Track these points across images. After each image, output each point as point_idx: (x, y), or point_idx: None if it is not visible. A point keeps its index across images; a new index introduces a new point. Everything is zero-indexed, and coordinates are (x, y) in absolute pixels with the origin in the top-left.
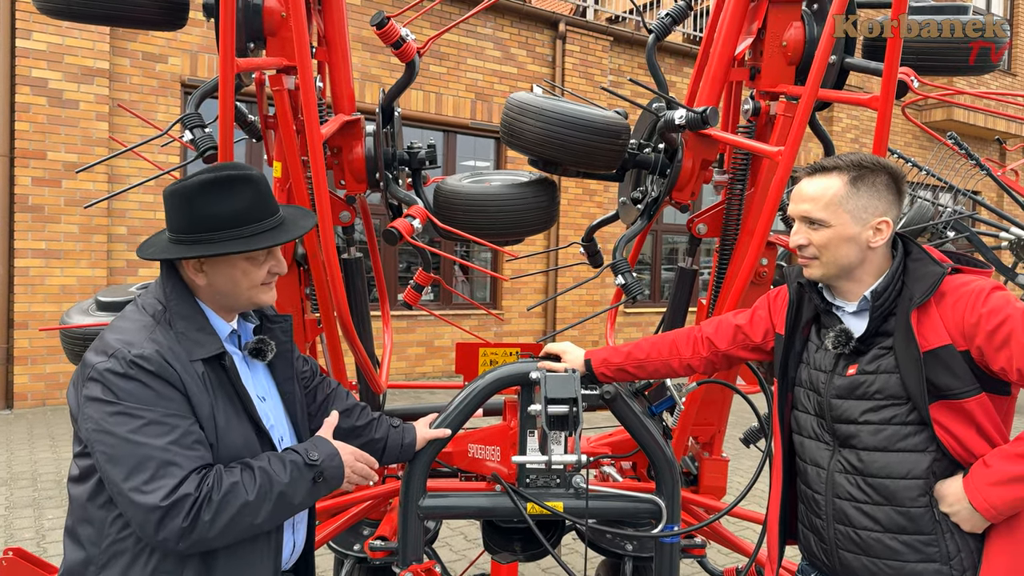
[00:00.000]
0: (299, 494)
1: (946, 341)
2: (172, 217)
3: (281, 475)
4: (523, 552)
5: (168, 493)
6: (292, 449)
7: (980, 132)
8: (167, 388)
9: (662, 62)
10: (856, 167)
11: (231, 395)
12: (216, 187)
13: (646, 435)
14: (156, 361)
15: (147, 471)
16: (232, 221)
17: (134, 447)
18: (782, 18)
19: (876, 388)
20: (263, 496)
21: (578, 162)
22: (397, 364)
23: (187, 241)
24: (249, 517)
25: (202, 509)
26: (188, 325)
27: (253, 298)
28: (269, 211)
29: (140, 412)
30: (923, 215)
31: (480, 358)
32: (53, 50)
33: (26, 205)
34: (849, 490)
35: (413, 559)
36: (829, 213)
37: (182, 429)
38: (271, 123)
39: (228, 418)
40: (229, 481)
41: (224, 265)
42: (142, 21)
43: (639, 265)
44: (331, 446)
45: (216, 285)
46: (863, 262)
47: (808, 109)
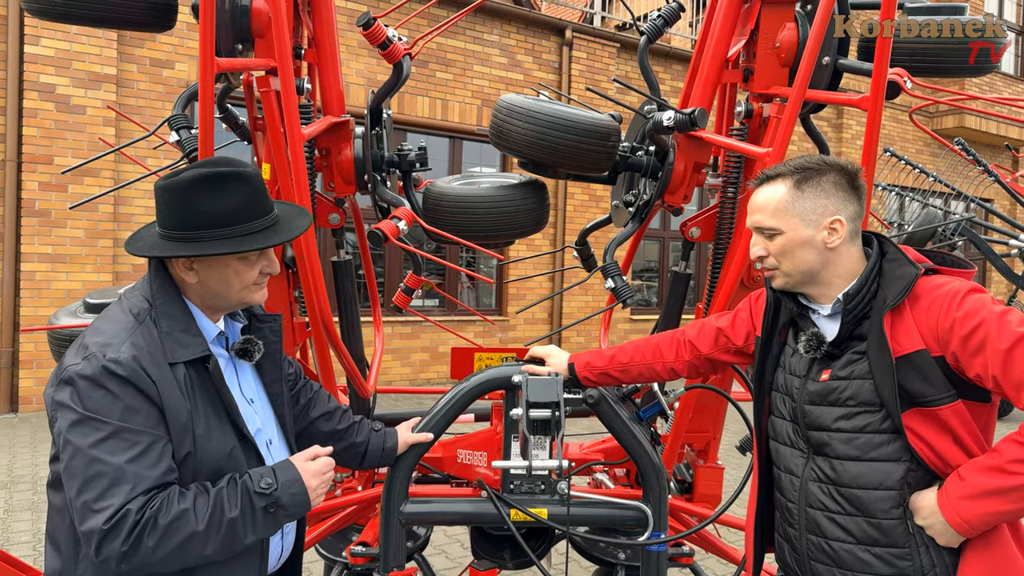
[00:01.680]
0: (252, 526)
1: (920, 346)
2: (163, 213)
3: (231, 505)
4: (512, 560)
5: (110, 516)
6: (247, 474)
7: (992, 139)
8: (137, 398)
9: (669, 68)
10: (799, 170)
11: (214, 400)
12: (209, 184)
13: (632, 440)
14: (129, 367)
15: (96, 489)
16: (225, 220)
17: (89, 462)
18: (775, 20)
19: (849, 394)
20: (213, 526)
21: (567, 164)
22: (401, 370)
23: (178, 239)
24: (197, 548)
25: (144, 533)
26: (173, 325)
27: (244, 298)
28: (263, 210)
29: (103, 424)
30: (932, 222)
31: (475, 363)
32: (61, 56)
33: (33, 210)
34: (822, 499)
35: (394, 565)
36: (778, 220)
37: (142, 445)
38: (259, 125)
39: (209, 425)
40: (179, 508)
41: (216, 264)
42: (129, 22)
43: (647, 272)
44: (293, 471)
45: (207, 284)
46: (826, 264)
47: (795, 110)
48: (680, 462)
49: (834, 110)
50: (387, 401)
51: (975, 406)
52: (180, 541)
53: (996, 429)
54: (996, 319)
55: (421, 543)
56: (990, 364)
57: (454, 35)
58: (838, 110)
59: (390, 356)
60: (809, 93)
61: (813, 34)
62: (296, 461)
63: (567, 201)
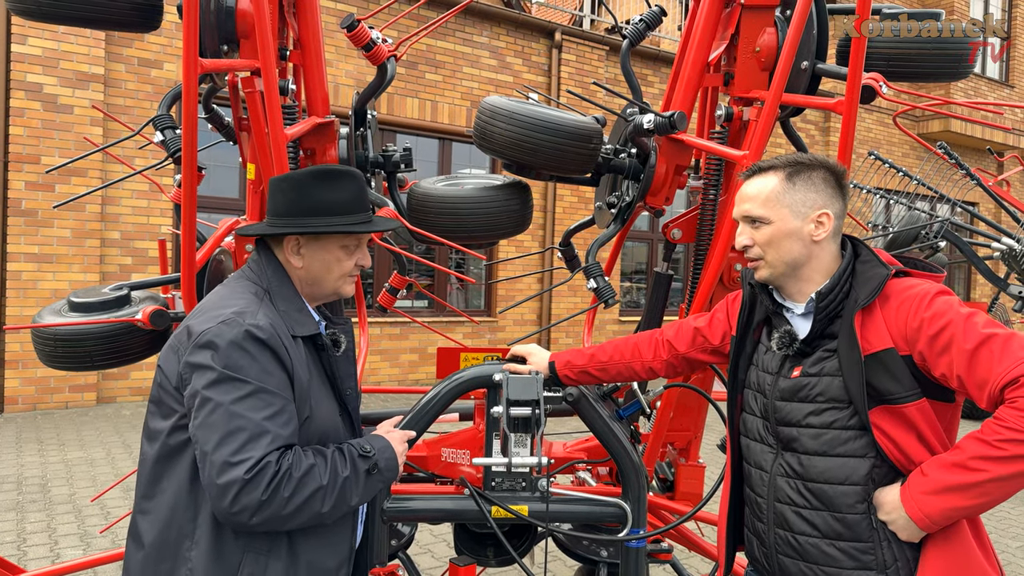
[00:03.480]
0: (356, 487)
1: (888, 345)
2: (278, 201)
3: (343, 466)
4: (495, 557)
5: (252, 465)
6: (348, 443)
7: (977, 143)
8: (273, 362)
9: (658, 71)
10: (792, 164)
11: (322, 375)
12: (325, 178)
13: (611, 437)
14: (269, 332)
15: (237, 442)
16: (337, 208)
17: (230, 417)
18: (755, 24)
19: (818, 391)
20: (331, 484)
21: (549, 166)
22: (390, 371)
23: (292, 224)
24: (318, 503)
25: (282, 484)
26: (289, 305)
27: (339, 288)
28: (365, 206)
29: (243, 384)
30: (915, 224)
31: (461, 363)
32: (48, 55)
33: (19, 209)
34: (789, 494)
35: (376, 562)
36: (768, 209)
37: (277, 407)
38: (244, 125)
39: (321, 395)
40: (307, 463)
41: (321, 251)
42: (114, 22)
43: (636, 274)
44: (383, 439)
45: (311, 269)
46: (809, 259)
47: (772, 113)
48: (662, 460)
49: (821, 114)
50: (376, 401)
51: (940, 405)
52: (309, 494)
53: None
54: (963, 320)
55: (405, 541)
56: (955, 364)
57: (444, 37)
58: (825, 114)
59: (379, 357)
60: (786, 97)
61: (790, 38)
62: (382, 431)
63: (556, 203)
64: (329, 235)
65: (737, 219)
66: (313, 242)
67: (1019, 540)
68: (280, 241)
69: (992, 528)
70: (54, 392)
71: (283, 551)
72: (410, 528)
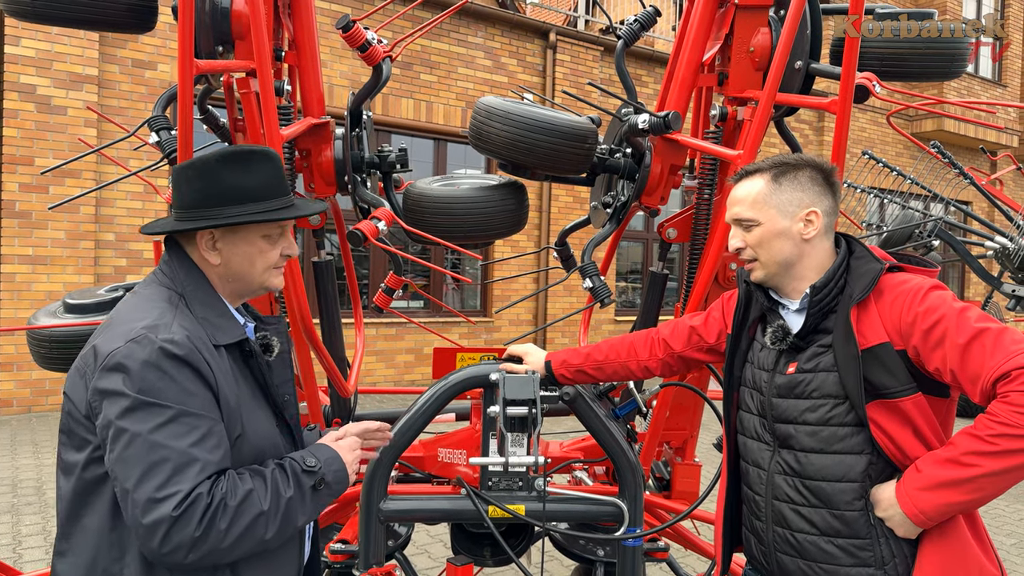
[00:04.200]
0: (303, 506)
1: (884, 339)
2: (185, 191)
3: (285, 485)
4: (492, 557)
5: (181, 500)
6: (289, 457)
7: (970, 143)
8: (194, 380)
9: (652, 71)
10: (777, 165)
11: (252, 385)
12: (235, 160)
13: (608, 437)
14: (186, 347)
15: (161, 475)
16: (251, 195)
17: (150, 448)
18: (749, 24)
19: (814, 387)
20: (273, 507)
21: (545, 166)
22: (386, 372)
23: (201, 216)
24: (261, 530)
25: (217, 516)
26: (208, 310)
27: (266, 281)
28: (285, 189)
29: (162, 408)
30: (909, 223)
31: (457, 363)
32: (42, 56)
33: (13, 211)
34: (787, 492)
35: (373, 562)
36: (756, 211)
37: (203, 430)
38: (240, 126)
39: (252, 409)
40: (244, 488)
41: (241, 243)
42: (109, 23)
43: (632, 274)
44: (330, 449)
45: (231, 265)
46: (801, 256)
47: (766, 112)
48: (658, 460)
49: (815, 114)
50: (371, 402)
51: (935, 400)
52: (248, 523)
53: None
54: (956, 315)
55: (402, 542)
56: (948, 358)
57: (438, 37)
58: (819, 114)
59: (375, 358)
60: (780, 96)
61: (784, 38)
62: (328, 441)
63: (552, 203)
64: (248, 225)
65: (729, 222)
66: (230, 234)
67: (1013, 537)
68: (192, 237)
69: (987, 524)
70: (49, 394)
71: None
72: (407, 528)
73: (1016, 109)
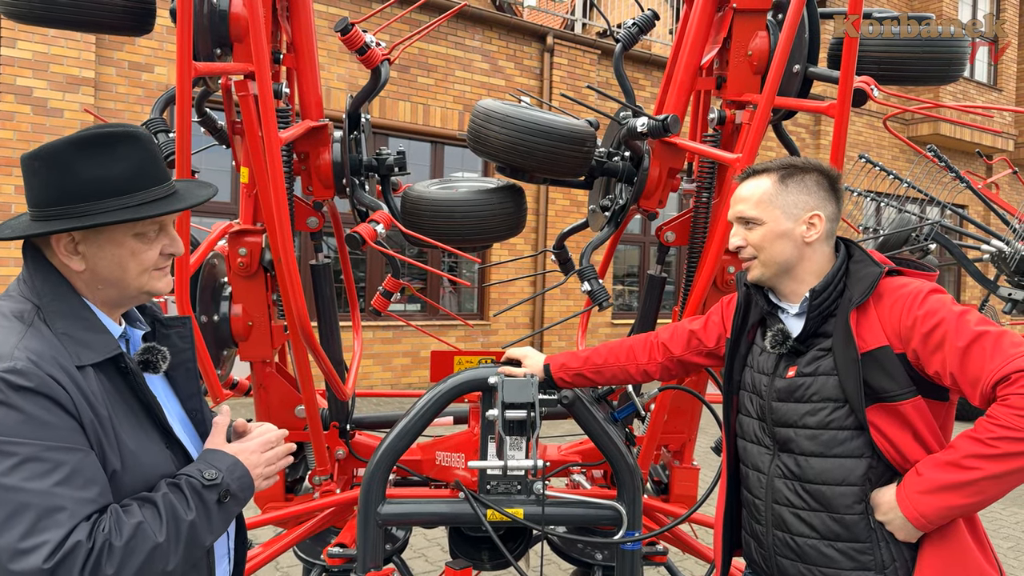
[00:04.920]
0: (209, 524)
1: (883, 343)
2: (35, 187)
3: (184, 507)
4: (490, 561)
5: (53, 550)
6: (183, 473)
7: (966, 146)
8: (49, 411)
9: (650, 75)
10: (786, 167)
11: (132, 405)
12: (94, 146)
13: (606, 440)
14: (34, 375)
15: (23, 523)
16: (116, 187)
17: (6, 493)
18: (747, 28)
19: (814, 390)
20: (172, 535)
21: (543, 169)
22: (383, 375)
23: (58, 215)
24: (160, 564)
25: (102, 561)
26: (71, 324)
27: (145, 286)
28: (160, 178)
29: (13, 447)
30: (905, 227)
31: (455, 366)
32: (38, 59)
33: (9, 214)
34: (787, 495)
35: (371, 566)
36: (761, 210)
37: (70, 466)
38: (238, 129)
39: (133, 434)
40: (131, 523)
41: (108, 244)
42: (107, 26)
43: (628, 277)
44: (226, 456)
45: (97, 271)
46: (801, 259)
47: (765, 116)
48: (656, 463)
49: (812, 117)
50: (368, 405)
51: (934, 404)
52: (142, 561)
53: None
54: (955, 318)
55: (399, 546)
56: (948, 361)
57: (436, 40)
58: (815, 117)
59: (371, 361)
60: (778, 100)
61: (782, 42)
62: (221, 447)
63: (548, 206)
64: (113, 225)
65: (731, 220)
66: (93, 235)
67: (1010, 540)
68: (48, 241)
69: None
70: None
71: None
72: (404, 532)
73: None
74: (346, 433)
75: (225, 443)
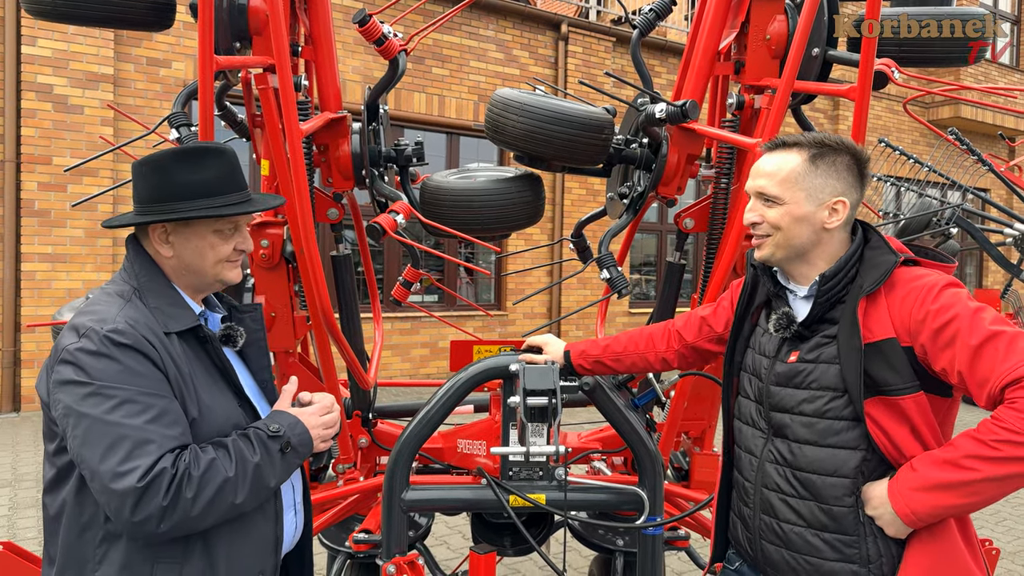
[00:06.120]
0: (272, 469)
1: (890, 334)
2: (140, 187)
3: (250, 451)
4: (512, 547)
5: (144, 473)
6: (252, 426)
7: (988, 129)
8: (143, 364)
9: (665, 61)
10: (818, 144)
11: (210, 369)
12: (188, 157)
13: (627, 426)
14: (131, 334)
15: (121, 451)
16: (202, 190)
17: (108, 427)
18: (766, 12)
19: (814, 378)
20: (241, 473)
21: (562, 157)
22: (401, 365)
23: (155, 211)
24: (230, 496)
25: (183, 486)
26: (161, 300)
27: (219, 274)
28: (238, 185)
29: (114, 391)
30: (927, 211)
31: (474, 355)
32: (58, 56)
33: (32, 210)
34: (777, 481)
35: (396, 551)
36: (784, 189)
37: (158, 408)
38: (258, 122)
39: (210, 392)
40: (207, 458)
41: (192, 237)
42: (129, 22)
43: (645, 266)
44: (289, 415)
45: (183, 257)
46: (817, 244)
47: (784, 100)
48: (677, 450)
49: (830, 102)
50: (387, 395)
51: (936, 400)
52: (216, 490)
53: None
54: (970, 315)
55: (422, 532)
56: (958, 359)
57: (450, 31)
58: (834, 102)
59: (390, 352)
60: (798, 84)
61: (801, 25)
62: (285, 409)
63: (564, 196)
64: (199, 219)
65: (749, 193)
66: (182, 228)
67: (1012, 534)
68: (146, 231)
69: (1007, 515)
70: None
71: (196, 556)
72: (427, 519)
73: None
74: (368, 422)
75: (290, 407)
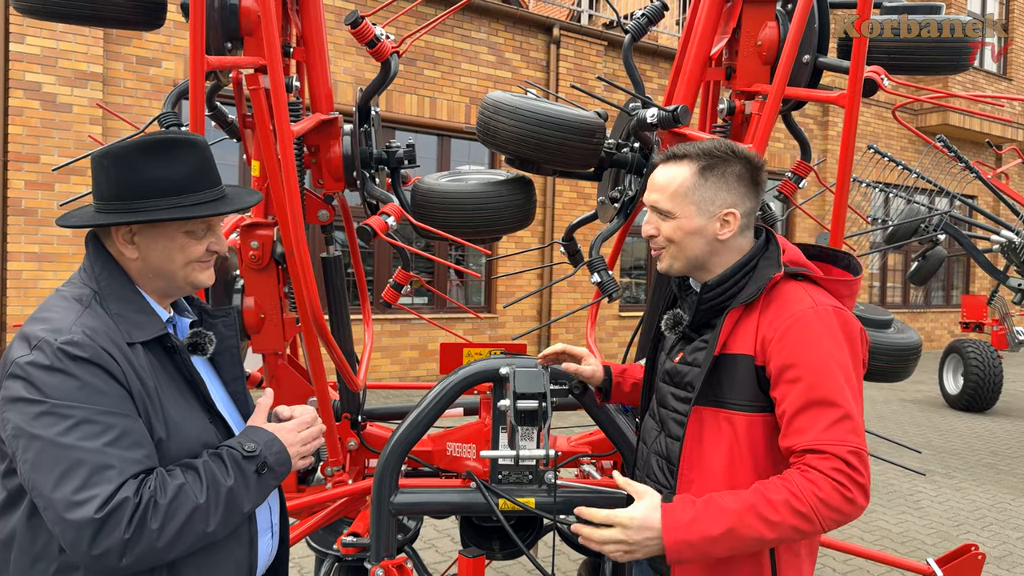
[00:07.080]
0: (247, 492)
1: (749, 351)
2: (101, 181)
3: (223, 474)
4: (501, 550)
5: (103, 502)
6: (225, 445)
7: (975, 136)
8: (101, 379)
9: (656, 66)
10: (706, 156)
11: (178, 381)
12: (155, 149)
13: (615, 430)
14: (88, 347)
15: (77, 477)
16: (172, 188)
17: (62, 451)
18: (757, 18)
19: (688, 379)
20: (213, 498)
21: (553, 160)
22: (391, 368)
23: (118, 209)
24: (201, 524)
25: (147, 516)
26: (124, 306)
27: (190, 277)
28: (212, 181)
29: (69, 410)
30: (915, 217)
31: (465, 358)
32: (47, 54)
33: (19, 208)
34: (657, 473)
35: (384, 555)
36: (675, 204)
37: (119, 428)
38: (249, 122)
39: (178, 407)
40: (175, 484)
41: (160, 238)
42: (119, 20)
43: (635, 270)
44: (265, 432)
45: (150, 261)
46: (713, 254)
47: (775, 106)
48: None
49: (820, 108)
50: (377, 397)
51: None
52: (184, 519)
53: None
54: (819, 368)
55: (411, 536)
56: (789, 401)
57: (442, 33)
58: (824, 108)
59: (379, 354)
60: (788, 90)
61: (792, 32)
62: (261, 425)
63: (555, 199)
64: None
65: (646, 205)
66: (148, 229)
67: (1020, 531)
68: (108, 231)
69: (993, 519)
70: None
71: None
72: (415, 522)
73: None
74: (357, 424)
75: (266, 422)
